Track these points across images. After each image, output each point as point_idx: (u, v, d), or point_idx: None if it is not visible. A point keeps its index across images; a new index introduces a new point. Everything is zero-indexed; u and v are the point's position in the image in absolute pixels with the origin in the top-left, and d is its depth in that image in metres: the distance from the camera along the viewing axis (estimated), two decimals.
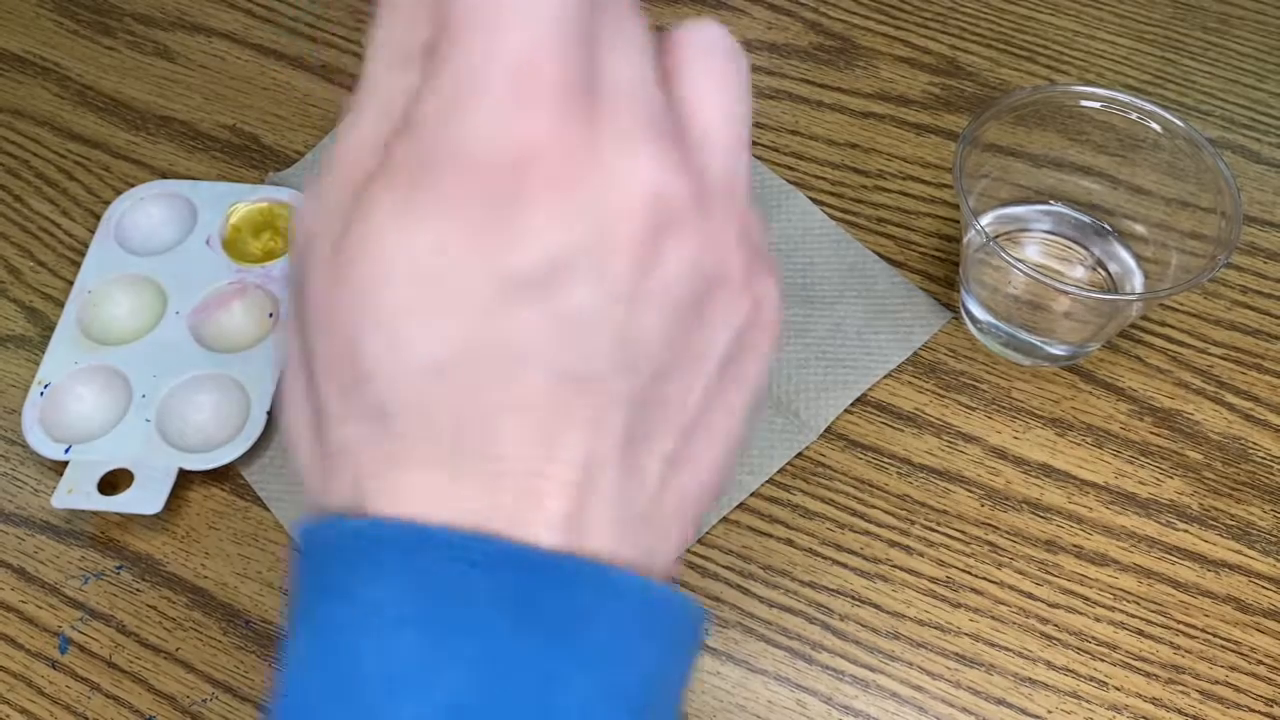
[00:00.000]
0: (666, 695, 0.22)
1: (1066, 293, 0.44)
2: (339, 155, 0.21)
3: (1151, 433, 0.47)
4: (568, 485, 0.20)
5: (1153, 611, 0.43)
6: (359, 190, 0.20)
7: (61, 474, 0.45)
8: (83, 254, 0.52)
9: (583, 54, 0.19)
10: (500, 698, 0.19)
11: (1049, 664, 0.42)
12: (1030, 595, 0.43)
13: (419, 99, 0.20)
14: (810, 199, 0.53)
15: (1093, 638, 0.43)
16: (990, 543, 0.45)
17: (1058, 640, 0.43)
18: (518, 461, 0.20)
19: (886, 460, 0.47)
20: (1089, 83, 0.56)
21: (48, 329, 0.50)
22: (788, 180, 0.54)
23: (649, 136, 0.20)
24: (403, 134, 0.20)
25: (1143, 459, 0.46)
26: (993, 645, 0.43)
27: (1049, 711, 0.41)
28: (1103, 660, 0.42)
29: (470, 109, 0.19)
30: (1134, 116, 0.46)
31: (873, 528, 0.45)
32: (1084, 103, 0.47)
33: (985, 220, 0.50)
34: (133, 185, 0.54)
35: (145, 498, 0.44)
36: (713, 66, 0.22)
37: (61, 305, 0.50)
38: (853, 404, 0.48)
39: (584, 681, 0.20)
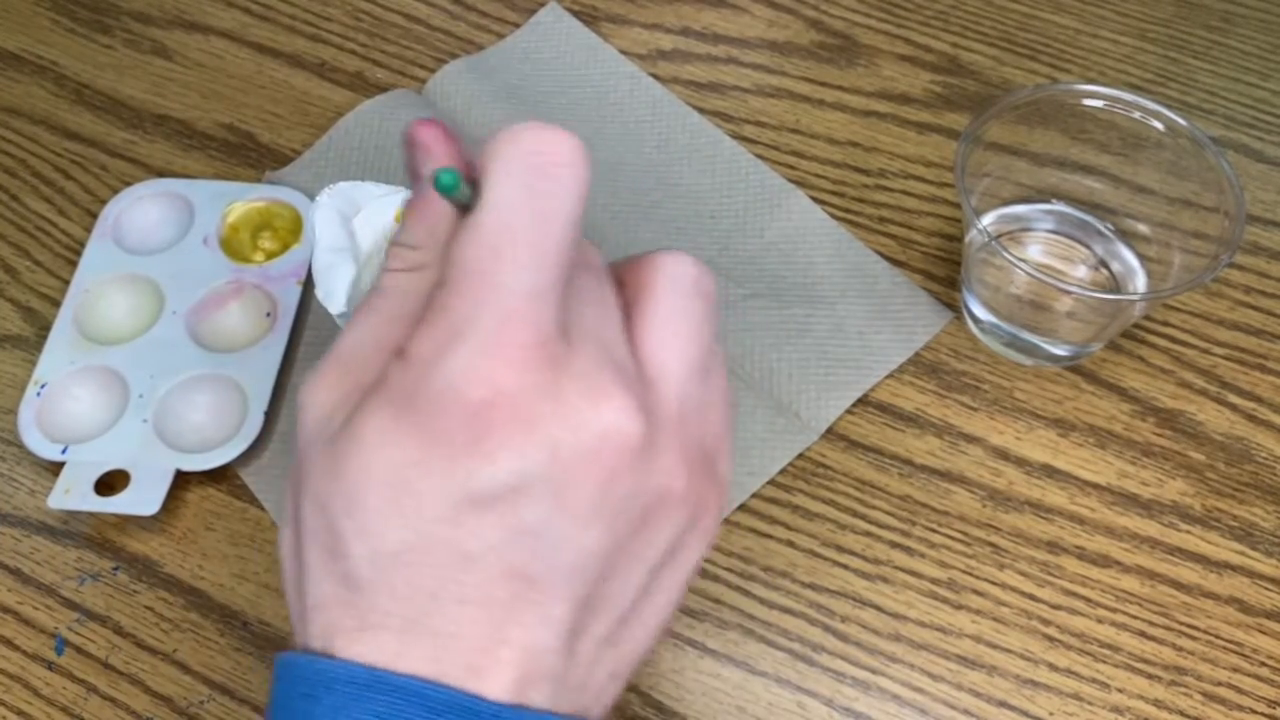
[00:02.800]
0: None
1: (1069, 292, 0.43)
2: (342, 350, 0.25)
3: (1154, 433, 0.47)
4: (511, 665, 0.23)
5: (1155, 613, 0.43)
6: (358, 398, 0.24)
7: (58, 474, 0.45)
8: (79, 253, 0.52)
9: (560, 309, 0.24)
10: None
11: (1051, 666, 0.42)
12: (1032, 597, 0.43)
13: (417, 335, 0.23)
14: (811, 198, 0.53)
15: (1095, 639, 0.42)
16: (992, 544, 0.44)
17: (1060, 642, 0.42)
18: (467, 640, 0.23)
19: (888, 461, 0.46)
20: (1091, 81, 0.56)
21: (44, 328, 0.50)
22: (789, 179, 0.54)
23: (609, 383, 0.23)
24: (399, 362, 0.24)
25: (1145, 460, 0.46)
26: (995, 647, 0.42)
27: (1051, 713, 0.41)
28: (1105, 662, 0.42)
29: (455, 352, 0.23)
30: (1137, 115, 0.46)
31: (874, 529, 0.45)
32: (1086, 101, 0.46)
33: (987, 219, 0.50)
34: (129, 184, 0.54)
35: (142, 498, 0.44)
36: (675, 307, 0.26)
37: (58, 305, 0.50)
38: (854, 404, 0.47)
39: None
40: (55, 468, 0.46)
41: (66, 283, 0.51)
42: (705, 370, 0.26)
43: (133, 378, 0.47)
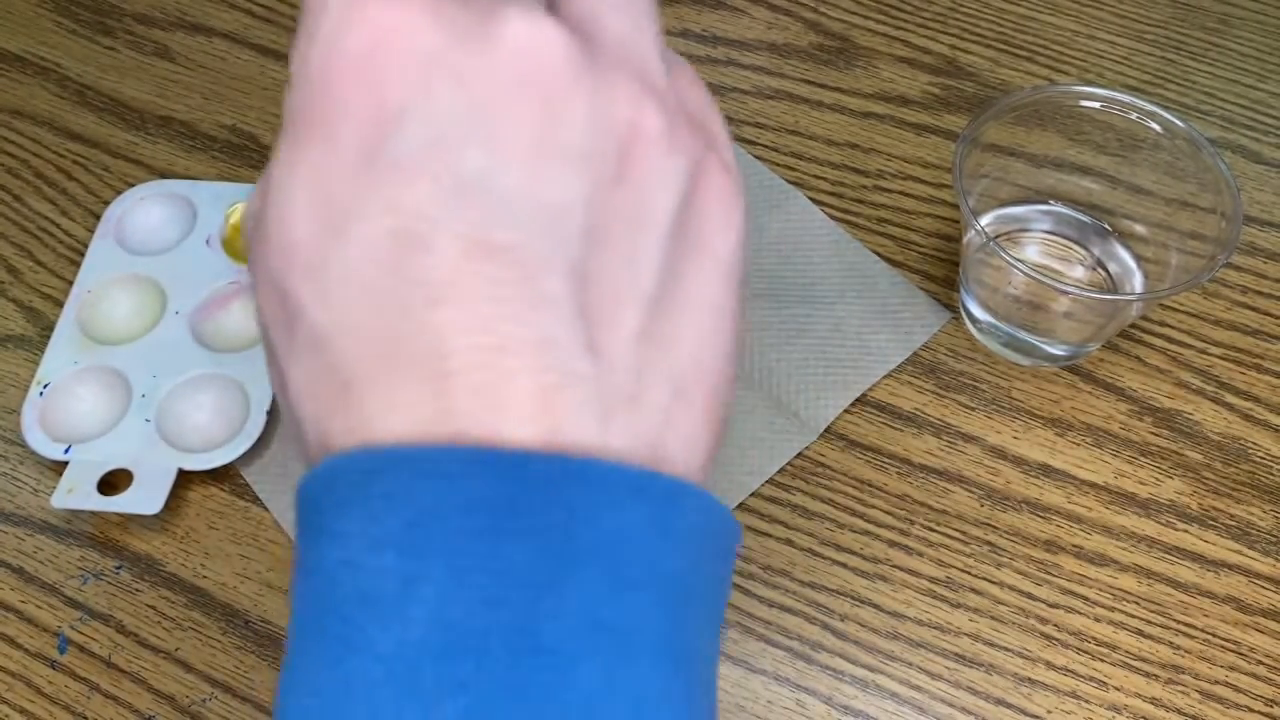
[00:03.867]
0: (698, 598, 0.20)
1: (1066, 293, 0.44)
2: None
3: (1151, 433, 0.47)
4: (525, 372, 0.19)
5: (1152, 611, 0.43)
6: None
7: (61, 474, 0.45)
8: (82, 254, 0.52)
9: None
10: (486, 610, 0.18)
11: (1049, 664, 0.42)
12: (1030, 595, 0.43)
13: (292, 60, 0.20)
14: (810, 199, 0.53)
15: (1092, 638, 0.43)
16: (990, 543, 0.45)
17: (1057, 640, 0.43)
18: (464, 355, 0.19)
19: (886, 460, 0.46)
20: (1089, 83, 0.56)
21: (47, 329, 0.50)
22: (787, 180, 0.54)
23: (502, 3, 0.20)
24: (287, 93, 0.20)
25: (1142, 459, 0.46)
26: (992, 645, 0.43)
27: (1048, 711, 0.41)
28: (1102, 660, 0.42)
29: (320, 26, 0.19)
30: (1134, 116, 0.46)
31: (872, 528, 0.45)
32: (1084, 103, 0.47)
33: (985, 220, 0.50)
34: (132, 185, 0.54)
35: (145, 498, 0.44)
36: None
37: (61, 305, 0.50)
38: (852, 404, 0.48)
39: (582, 582, 0.18)
40: (58, 467, 0.46)
41: (69, 283, 0.51)
42: (655, 34, 0.22)
43: (135, 378, 0.47)
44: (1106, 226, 0.49)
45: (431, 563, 0.18)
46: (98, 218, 0.53)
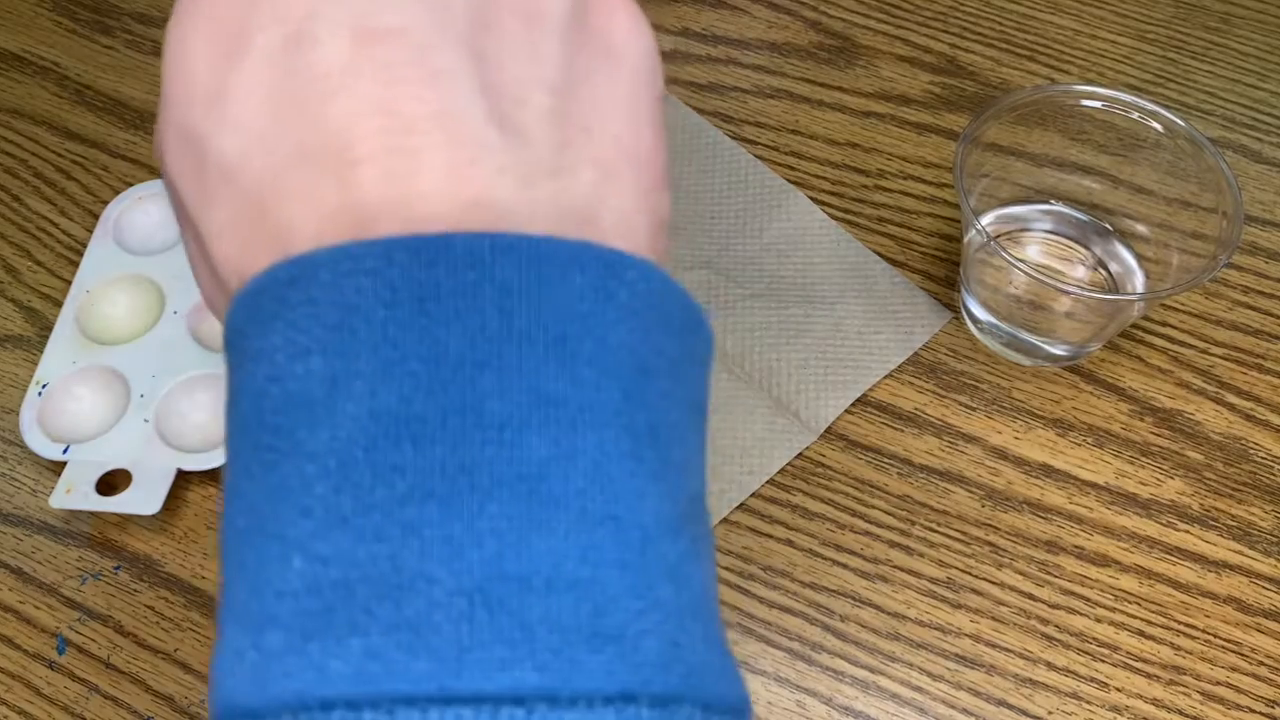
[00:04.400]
0: (658, 374, 0.19)
1: (1067, 293, 0.44)
2: None
3: (1152, 433, 0.47)
4: (432, 148, 0.18)
5: (1153, 612, 0.43)
6: None
7: (59, 474, 0.45)
8: (81, 253, 0.52)
9: None
10: (422, 396, 0.17)
11: (1050, 665, 0.42)
12: (1031, 596, 0.43)
13: None
14: (810, 198, 0.53)
15: (1093, 639, 0.42)
16: (991, 543, 0.44)
17: (1058, 641, 0.42)
18: (368, 142, 0.18)
19: (887, 461, 0.46)
20: (1090, 82, 0.56)
21: (46, 329, 0.50)
22: (788, 180, 0.54)
23: None
24: None
25: (1143, 459, 0.46)
26: (993, 646, 0.42)
27: (1050, 712, 0.41)
28: (1103, 661, 0.42)
29: None
30: (1135, 116, 0.46)
31: (873, 528, 0.45)
32: (1085, 102, 0.46)
33: (986, 220, 0.50)
34: (131, 185, 0.54)
35: (143, 498, 0.44)
36: None
37: (60, 305, 0.50)
38: (853, 404, 0.47)
39: (523, 357, 0.18)
40: (57, 467, 0.46)
41: (68, 283, 0.51)
42: None
43: (134, 378, 0.47)
44: (1108, 226, 0.49)
45: (360, 360, 0.17)
46: (96, 217, 0.53)
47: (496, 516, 0.17)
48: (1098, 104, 0.46)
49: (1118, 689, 0.42)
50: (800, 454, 0.46)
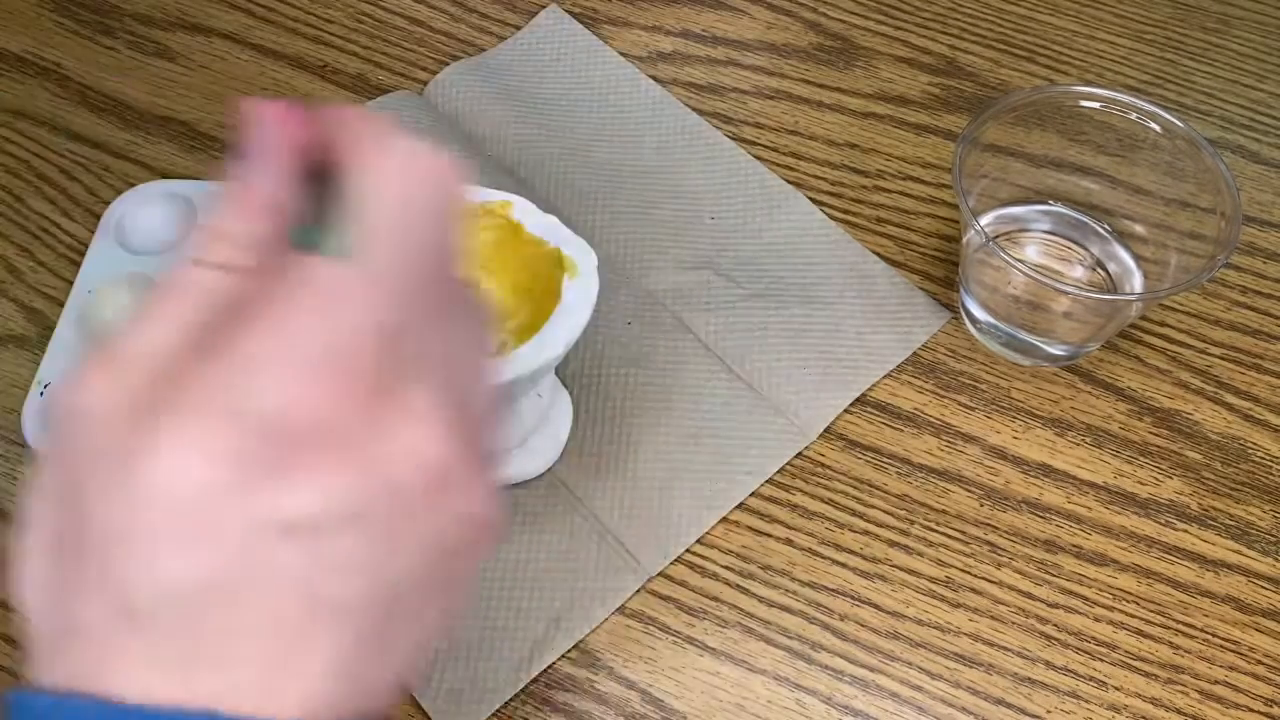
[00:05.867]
0: None
1: (1066, 293, 0.44)
2: (138, 346, 0.22)
3: (1151, 433, 0.47)
4: (297, 697, 0.21)
5: (1152, 611, 0.43)
6: (153, 401, 0.21)
7: None
8: (83, 254, 0.52)
9: (405, 345, 0.22)
10: None
11: (1048, 664, 0.42)
12: (1029, 595, 0.43)
13: (243, 337, 0.21)
14: (810, 199, 0.54)
15: (1092, 638, 0.43)
16: (990, 543, 0.45)
17: (1057, 640, 0.43)
18: (252, 672, 0.21)
19: (886, 460, 0.47)
20: (1088, 83, 0.56)
21: (48, 329, 0.50)
22: (787, 180, 0.54)
23: (435, 414, 0.22)
24: (215, 365, 0.21)
25: (1142, 459, 0.46)
26: (992, 645, 0.43)
27: (1048, 711, 0.41)
28: (1102, 660, 0.42)
29: (284, 370, 0.21)
30: (1133, 117, 0.46)
31: (872, 528, 0.45)
32: (1083, 103, 0.47)
33: (985, 220, 0.50)
34: (133, 185, 0.54)
35: None
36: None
37: (62, 305, 0.50)
38: (852, 404, 0.48)
39: None
40: None
41: (70, 283, 0.51)
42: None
43: None
44: (1106, 226, 0.49)
45: None
46: (98, 218, 0.53)
47: None
48: (1096, 105, 0.47)
49: (1116, 688, 0.42)
50: (800, 453, 0.47)
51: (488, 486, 0.24)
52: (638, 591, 0.44)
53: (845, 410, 0.47)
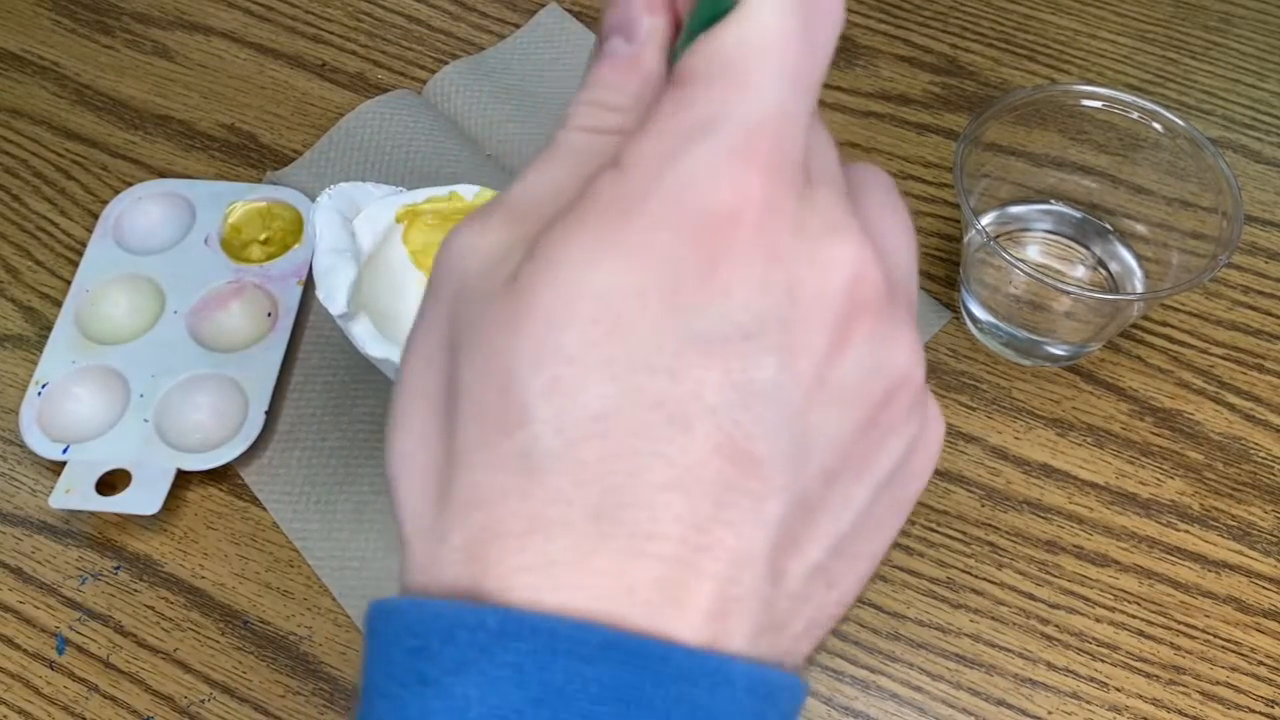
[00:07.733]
0: None
1: (1067, 292, 0.44)
2: (514, 197, 0.20)
3: (1152, 433, 0.47)
4: (714, 580, 0.19)
5: (1153, 612, 0.43)
6: (543, 228, 0.19)
7: (59, 474, 0.45)
8: (81, 253, 0.52)
9: (803, 138, 0.20)
10: None
11: (1049, 665, 0.42)
12: (1031, 596, 0.43)
13: (637, 140, 0.19)
14: None
15: (1093, 638, 0.42)
16: (991, 543, 0.44)
17: (1058, 641, 0.42)
18: (667, 543, 0.18)
19: None
20: (1090, 82, 0.56)
21: (45, 328, 0.50)
22: None
23: (854, 229, 0.20)
24: (611, 171, 0.19)
25: (1143, 459, 0.46)
26: (993, 646, 0.42)
27: (1049, 712, 0.41)
28: (1103, 661, 0.42)
29: (695, 151, 0.19)
30: (1135, 116, 0.46)
31: None
32: (1085, 102, 0.46)
33: (986, 220, 0.50)
34: (131, 184, 0.54)
35: (143, 498, 0.44)
36: (891, 201, 0.22)
37: (59, 305, 0.50)
38: None
39: None
40: (56, 467, 0.46)
41: (68, 283, 0.51)
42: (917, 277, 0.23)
43: (134, 377, 0.47)
44: (1107, 226, 0.49)
45: None
46: (96, 217, 0.53)
47: None
48: (1098, 104, 0.46)
49: (1117, 689, 0.42)
50: None
51: (920, 353, 0.21)
52: None
53: None
